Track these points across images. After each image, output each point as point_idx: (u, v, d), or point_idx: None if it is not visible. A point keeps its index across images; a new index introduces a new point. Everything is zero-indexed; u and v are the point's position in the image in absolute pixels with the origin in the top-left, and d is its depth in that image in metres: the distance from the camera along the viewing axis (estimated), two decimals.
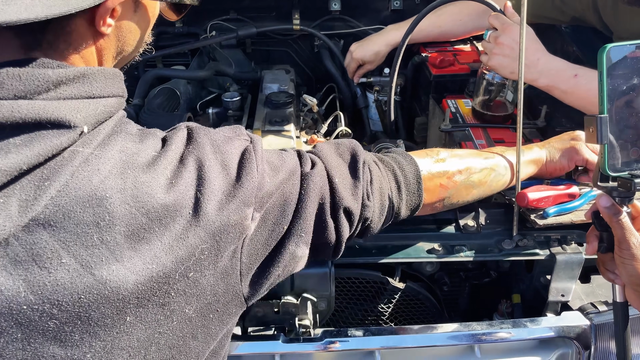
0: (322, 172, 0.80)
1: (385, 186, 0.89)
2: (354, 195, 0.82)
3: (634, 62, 0.81)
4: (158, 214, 0.62)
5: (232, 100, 1.61)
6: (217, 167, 0.68)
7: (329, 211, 0.80)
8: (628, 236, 0.83)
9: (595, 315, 1.03)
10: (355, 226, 0.85)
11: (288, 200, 0.75)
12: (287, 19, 1.86)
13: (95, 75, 0.63)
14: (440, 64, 1.70)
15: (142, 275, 0.61)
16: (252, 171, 0.70)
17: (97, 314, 0.59)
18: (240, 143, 0.73)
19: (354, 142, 0.89)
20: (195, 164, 0.67)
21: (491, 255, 1.08)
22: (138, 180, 0.62)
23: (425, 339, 1.02)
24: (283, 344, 1.00)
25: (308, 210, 0.77)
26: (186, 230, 0.64)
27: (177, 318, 0.66)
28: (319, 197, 0.79)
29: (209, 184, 0.66)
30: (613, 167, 0.82)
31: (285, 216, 0.75)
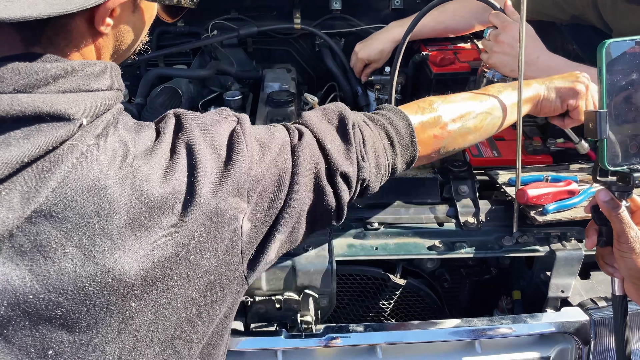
0: (311, 141, 0.81)
1: (378, 144, 0.88)
2: (348, 158, 0.82)
3: (632, 57, 0.82)
4: (157, 202, 0.63)
5: (234, 99, 1.62)
6: (207, 151, 0.69)
7: (325, 178, 0.80)
8: (627, 230, 0.84)
9: (594, 311, 1.04)
10: (354, 188, 0.85)
11: (282, 174, 0.76)
12: (288, 18, 1.86)
13: (92, 68, 0.65)
14: (440, 62, 1.71)
15: (144, 262, 0.62)
16: (242, 151, 0.71)
17: (102, 301, 0.60)
18: (228, 124, 0.74)
19: (340, 104, 0.89)
20: (186, 150, 0.68)
21: (491, 252, 1.09)
22: (136, 170, 0.63)
23: (426, 335, 1.02)
24: (285, 340, 1.01)
25: (302, 181, 0.77)
26: (184, 215, 0.65)
27: (182, 300, 0.67)
28: (312, 166, 0.79)
29: (202, 168, 0.67)
30: (612, 161, 0.83)
31: (281, 191, 0.75)
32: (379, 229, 1.12)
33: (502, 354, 1.04)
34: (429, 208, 1.15)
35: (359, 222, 1.13)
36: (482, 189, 1.23)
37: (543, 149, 1.34)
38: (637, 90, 0.84)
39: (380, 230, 1.12)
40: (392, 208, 1.15)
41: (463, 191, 1.17)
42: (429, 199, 1.17)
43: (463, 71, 1.70)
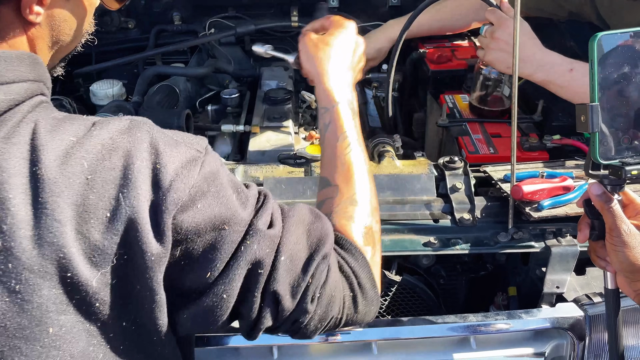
0: (275, 236, 0.69)
1: (339, 295, 0.75)
2: (293, 286, 0.70)
3: (624, 50, 0.82)
4: (65, 216, 0.56)
5: (231, 97, 1.62)
6: (146, 171, 0.61)
7: (261, 284, 0.68)
8: (619, 223, 0.84)
9: (589, 307, 1.04)
10: (280, 321, 0.72)
11: (220, 246, 0.65)
12: (285, 16, 1.87)
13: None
14: (438, 59, 1.71)
15: (56, 282, 0.56)
16: (184, 186, 0.62)
17: (13, 324, 0.55)
18: (188, 151, 0.65)
19: (329, 228, 0.77)
20: (123, 160, 0.60)
21: (486, 248, 1.09)
22: (46, 179, 0.56)
23: (421, 331, 1.02)
24: (280, 336, 1.01)
25: (238, 271, 0.66)
26: (104, 233, 0.58)
27: (112, 330, 0.61)
28: (253, 261, 0.67)
29: (134, 187, 0.59)
30: (604, 155, 0.83)
31: (211, 262, 0.65)
32: None
33: (497, 350, 1.04)
34: (425, 204, 1.15)
35: None
36: (478, 185, 1.22)
37: (539, 146, 1.34)
38: (629, 84, 0.84)
39: None
40: (387, 204, 1.15)
41: (458, 187, 1.17)
42: (424, 195, 1.17)
43: (460, 68, 1.70)
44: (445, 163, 1.21)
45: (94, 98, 1.63)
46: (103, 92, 1.61)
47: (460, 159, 1.22)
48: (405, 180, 1.18)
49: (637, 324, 1.06)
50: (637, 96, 0.85)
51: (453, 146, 1.43)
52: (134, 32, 1.88)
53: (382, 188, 1.17)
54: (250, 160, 1.36)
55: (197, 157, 0.65)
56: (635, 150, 0.85)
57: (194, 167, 0.64)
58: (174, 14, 1.87)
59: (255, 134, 1.46)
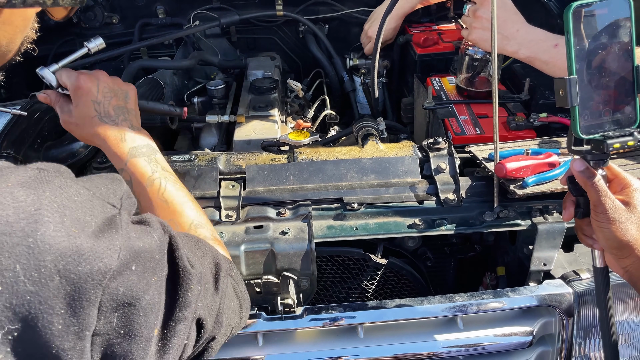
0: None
1: (235, 304, 0.80)
2: (212, 305, 0.71)
3: (601, 20, 0.80)
4: None
5: (217, 88, 1.61)
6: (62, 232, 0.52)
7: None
8: (604, 199, 0.82)
9: (577, 283, 1.03)
10: (201, 342, 0.72)
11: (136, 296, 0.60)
12: (270, 6, 1.85)
13: None
14: (424, 43, 1.70)
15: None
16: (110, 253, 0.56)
17: None
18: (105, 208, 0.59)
19: (213, 251, 0.78)
20: (25, 223, 0.51)
21: (472, 228, 1.08)
22: None
23: (406, 312, 1.01)
24: (264, 322, 1.00)
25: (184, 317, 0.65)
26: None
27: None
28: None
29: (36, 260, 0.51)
30: (585, 129, 0.81)
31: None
32: (358, 209, 1.11)
33: (485, 329, 1.03)
34: (409, 186, 1.14)
35: (339, 203, 1.12)
36: (464, 166, 1.21)
37: (526, 124, 1.33)
38: (608, 54, 0.82)
39: (360, 211, 1.11)
40: (372, 188, 1.14)
41: (443, 168, 1.15)
42: (408, 177, 1.15)
43: (447, 51, 1.69)
44: (429, 144, 1.20)
45: None
46: None
47: (445, 139, 1.20)
48: (389, 163, 1.17)
49: (625, 300, 1.04)
50: (616, 67, 0.83)
51: (440, 128, 1.42)
52: (118, 27, 1.88)
53: (366, 171, 1.16)
54: (236, 150, 1.35)
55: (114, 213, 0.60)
56: (617, 123, 0.83)
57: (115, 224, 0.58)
58: (158, 7, 1.86)
59: (240, 123, 1.44)
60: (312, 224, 1.06)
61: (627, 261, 0.81)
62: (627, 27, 0.80)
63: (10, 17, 0.67)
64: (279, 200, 1.12)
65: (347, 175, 1.15)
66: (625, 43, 0.81)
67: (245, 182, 1.16)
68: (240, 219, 1.08)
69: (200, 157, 1.20)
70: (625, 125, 0.82)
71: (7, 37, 0.68)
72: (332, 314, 1.01)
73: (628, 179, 0.84)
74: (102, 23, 1.85)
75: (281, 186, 1.15)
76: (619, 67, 0.82)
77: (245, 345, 1.03)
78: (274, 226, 1.06)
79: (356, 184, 1.15)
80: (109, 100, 1.03)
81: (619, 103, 0.83)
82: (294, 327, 1.01)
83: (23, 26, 0.70)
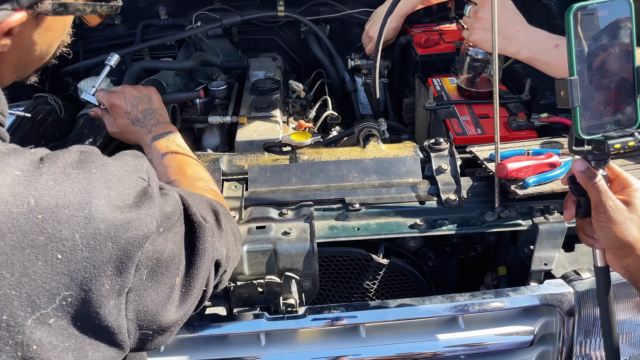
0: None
1: (231, 240, 0.88)
2: (221, 247, 0.80)
3: (602, 21, 0.80)
4: (7, 258, 0.53)
5: (219, 89, 1.62)
6: (105, 209, 0.59)
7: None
8: (604, 199, 0.82)
9: (578, 282, 1.03)
10: (218, 278, 0.82)
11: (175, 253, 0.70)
12: (272, 7, 1.86)
13: None
14: (425, 43, 1.70)
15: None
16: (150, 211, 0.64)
17: None
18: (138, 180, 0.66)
19: (214, 203, 0.87)
20: (79, 197, 0.57)
21: (473, 228, 1.08)
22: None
23: (408, 312, 1.02)
24: (267, 322, 1.01)
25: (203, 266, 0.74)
26: (53, 275, 0.55)
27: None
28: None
29: (91, 227, 0.57)
30: (586, 130, 0.82)
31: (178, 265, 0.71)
32: (360, 210, 1.11)
33: (486, 329, 1.04)
34: (410, 187, 1.14)
35: (340, 203, 1.13)
36: (465, 166, 1.22)
37: (527, 125, 1.33)
38: (609, 55, 0.83)
39: (362, 211, 1.11)
40: (373, 188, 1.14)
41: (444, 169, 1.16)
42: (410, 177, 1.16)
43: (448, 52, 1.69)
44: (431, 145, 1.20)
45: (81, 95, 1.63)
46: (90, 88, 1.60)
47: (446, 140, 1.21)
48: (390, 164, 1.17)
49: (626, 299, 1.05)
50: (617, 68, 0.83)
51: (441, 129, 1.42)
52: (120, 28, 1.88)
53: (368, 172, 1.16)
54: (238, 151, 1.36)
55: (144, 185, 0.66)
56: (618, 123, 0.83)
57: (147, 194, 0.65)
58: (160, 8, 1.87)
59: (242, 124, 1.45)
60: (314, 225, 1.07)
61: (628, 260, 0.82)
62: (627, 28, 0.81)
63: (52, 24, 0.72)
64: (281, 200, 1.13)
65: (349, 176, 1.16)
66: (626, 44, 0.81)
67: (247, 183, 1.17)
68: (243, 220, 1.09)
69: (203, 158, 1.20)
70: (626, 126, 0.82)
71: (47, 42, 0.74)
72: (334, 313, 1.02)
73: (629, 179, 0.85)
74: (105, 24, 1.86)
75: (283, 187, 1.16)
76: (619, 68, 0.82)
77: (247, 345, 1.03)
78: (276, 226, 1.07)
79: (358, 184, 1.15)
80: (137, 107, 1.22)
81: (620, 104, 0.83)
82: (296, 327, 1.02)
83: (62, 32, 0.76)
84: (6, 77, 0.73)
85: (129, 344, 0.65)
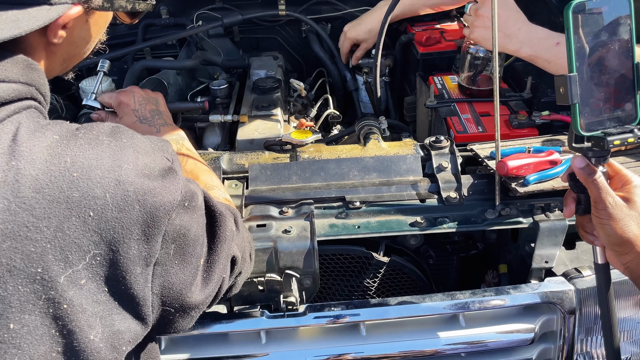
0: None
1: (247, 248, 0.91)
2: (239, 245, 0.84)
3: (601, 18, 0.80)
4: (44, 212, 0.57)
5: (220, 88, 1.62)
6: (134, 175, 0.63)
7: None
8: (604, 196, 0.82)
9: (579, 280, 1.03)
10: (233, 277, 0.85)
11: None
12: (273, 5, 1.86)
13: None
14: (426, 41, 1.70)
15: (21, 275, 0.56)
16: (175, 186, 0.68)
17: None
18: (163, 159, 0.69)
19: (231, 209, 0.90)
20: (111, 161, 0.62)
21: (474, 226, 1.08)
22: (26, 174, 0.57)
23: (409, 310, 1.02)
24: (267, 320, 1.01)
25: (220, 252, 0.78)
26: (84, 231, 0.59)
27: (80, 342, 0.60)
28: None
29: (124, 189, 0.62)
30: (586, 126, 0.82)
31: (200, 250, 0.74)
32: (360, 208, 1.11)
33: (487, 327, 1.04)
34: (411, 185, 1.14)
35: (341, 202, 1.13)
36: (466, 164, 1.22)
37: (528, 122, 1.33)
38: (608, 52, 0.82)
39: (362, 209, 1.11)
40: (374, 186, 1.14)
41: (445, 167, 1.16)
42: (410, 175, 1.16)
43: (449, 50, 1.69)
44: (431, 143, 1.20)
45: (83, 95, 1.63)
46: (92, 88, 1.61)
47: (447, 138, 1.21)
48: (391, 162, 1.17)
49: (627, 297, 1.04)
50: (616, 64, 0.83)
51: (442, 127, 1.42)
52: (121, 27, 1.88)
53: (368, 170, 1.16)
54: (239, 150, 1.36)
55: (169, 165, 0.70)
56: (618, 120, 0.83)
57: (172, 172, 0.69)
58: (161, 7, 1.87)
59: (243, 123, 1.45)
60: (315, 223, 1.07)
61: (628, 257, 0.82)
62: (627, 25, 0.81)
63: (98, 19, 0.76)
64: (282, 199, 1.13)
65: (350, 174, 1.16)
66: (626, 41, 0.81)
67: (248, 181, 1.17)
68: (243, 218, 1.09)
69: (204, 157, 1.21)
70: (626, 122, 0.82)
71: (92, 37, 0.78)
72: (334, 311, 1.02)
73: (629, 176, 0.85)
74: None
75: (284, 185, 1.16)
76: (619, 64, 0.82)
77: (248, 343, 1.04)
78: (277, 225, 1.07)
79: (358, 182, 1.15)
80: (145, 107, 1.22)
81: (619, 100, 0.83)
82: (296, 325, 1.02)
83: (103, 27, 0.80)
84: (56, 68, 0.77)
85: (152, 319, 0.68)
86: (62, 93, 1.65)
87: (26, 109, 0.65)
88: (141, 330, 0.67)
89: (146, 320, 0.67)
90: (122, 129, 0.68)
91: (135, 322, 0.66)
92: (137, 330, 0.66)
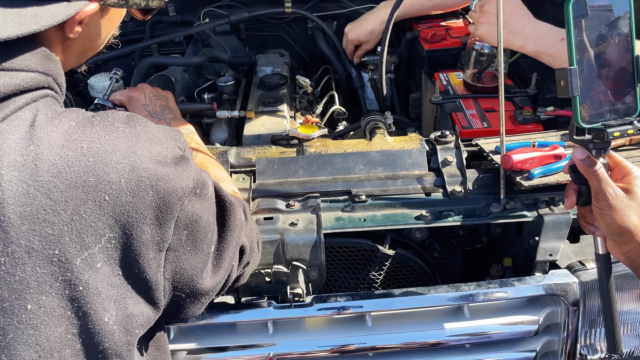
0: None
1: (255, 240, 0.94)
2: (248, 235, 0.86)
3: (601, 11, 0.81)
4: (62, 195, 0.59)
5: (227, 84, 1.63)
6: (147, 161, 0.66)
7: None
8: (604, 187, 0.84)
9: (583, 273, 1.04)
10: (241, 266, 0.87)
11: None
12: (279, 3, 1.88)
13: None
14: (432, 38, 1.71)
15: (39, 257, 0.58)
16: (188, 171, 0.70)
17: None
18: (175, 147, 0.71)
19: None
20: (126, 147, 0.64)
21: (479, 219, 1.09)
22: (43, 158, 0.59)
23: (414, 301, 1.03)
24: (274, 310, 1.02)
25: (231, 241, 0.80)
26: (100, 215, 0.61)
27: (94, 324, 0.62)
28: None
29: (138, 174, 0.64)
30: (586, 119, 0.83)
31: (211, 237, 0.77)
32: (366, 201, 1.13)
33: (491, 318, 1.05)
34: (416, 179, 1.16)
35: (347, 195, 1.14)
36: (471, 159, 1.23)
37: (533, 118, 1.34)
38: (609, 45, 0.83)
39: (368, 202, 1.12)
40: (379, 180, 1.15)
41: (450, 161, 1.17)
42: (416, 170, 1.17)
43: (454, 47, 1.70)
44: (437, 137, 1.21)
45: (92, 91, 1.65)
46: (100, 84, 1.63)
47: (452, 133, 1.22)
48: (396, 156, 1.19)
49: (631, 290, 1.05)
50: (616, 57, 0.84)
51: (447, 123, 1.43)
52: (129, 25, 1.90)
53: (374, 164, 1.18)
54: (246, 145, 1.38)
55: (181, 154, 0.71)
56: (617, 112, 0.84)
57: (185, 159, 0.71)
58: (169, 5, 1.89)
59: (250, 119, 1.47)
60: (321, 216, 1.08)
61: (628, 247, 0.83)
62: (626, 18, 0.82)
63: (113, 15, 0.79)
64: (289, 192, 1.15)
65: (355, 168, 1.17)
66: (625, 34, 0.82)
67: (255, 175, 1.18)
68: (251, 211, 1.11)
69: (212, 151, 1.22)
70: (626, 115, 0.84)
71: (106, 32, 0.80)
72: (340, 302, 1.03)
73: (629, 167, 0.86)
74: None
75: (290, 179, 1.17)
76: (619, 57, 0.83)
77: (255, 333, 1.05)
78: (284, 217, 1.08)
79: (364, 176, 1.16)
80: (155, 102, 1.25)
81: (620, 93, 0.84)
82: (303, 315, 1.03)
83: (117, 23, 0.83)
84: (71, 61, 0.79)
85: (163, 304, 0.70)
86: (70, 89, 1.67)
87: (44, 97, 0.67)
88: (153, 315, 0.69)
89: (158, 305, 0.69)
90: (136, 117, 0.70)
91: (147, 306, 0.68)
92: (149, 314, 0.68)
